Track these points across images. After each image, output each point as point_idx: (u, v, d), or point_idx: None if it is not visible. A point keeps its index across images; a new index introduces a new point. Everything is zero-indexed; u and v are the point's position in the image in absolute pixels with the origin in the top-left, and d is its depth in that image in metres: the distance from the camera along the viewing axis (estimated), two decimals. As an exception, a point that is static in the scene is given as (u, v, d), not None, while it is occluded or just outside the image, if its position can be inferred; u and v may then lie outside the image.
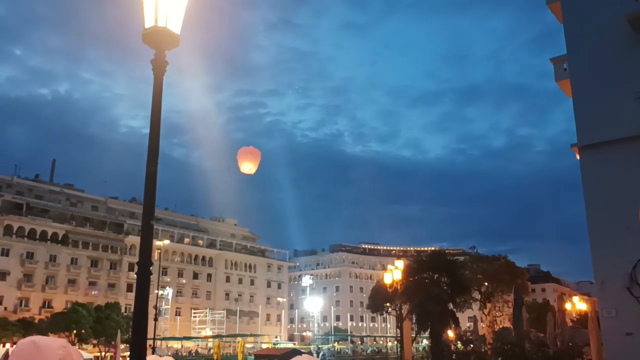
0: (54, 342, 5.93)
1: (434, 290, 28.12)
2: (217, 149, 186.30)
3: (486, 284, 56.82)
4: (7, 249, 70.30)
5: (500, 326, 52.89)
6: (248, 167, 12.93)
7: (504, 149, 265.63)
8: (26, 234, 72.52)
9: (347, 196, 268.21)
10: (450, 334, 32.97)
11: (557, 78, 22.10)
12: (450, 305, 29.99)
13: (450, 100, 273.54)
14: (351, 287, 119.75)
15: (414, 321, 31.85)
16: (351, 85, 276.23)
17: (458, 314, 32.49)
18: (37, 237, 73.50)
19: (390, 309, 50.46)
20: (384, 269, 50.89)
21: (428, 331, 31.47)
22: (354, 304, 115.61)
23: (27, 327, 57.37)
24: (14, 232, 71.47)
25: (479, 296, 57.00)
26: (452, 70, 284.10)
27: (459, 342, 32.23)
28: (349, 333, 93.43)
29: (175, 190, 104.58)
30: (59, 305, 69.98)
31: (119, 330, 34.89)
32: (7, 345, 51.54)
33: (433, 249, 69.91)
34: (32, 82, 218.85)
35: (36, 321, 61.55)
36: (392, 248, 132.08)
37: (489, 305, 53.99)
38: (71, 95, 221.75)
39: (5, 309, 67.03)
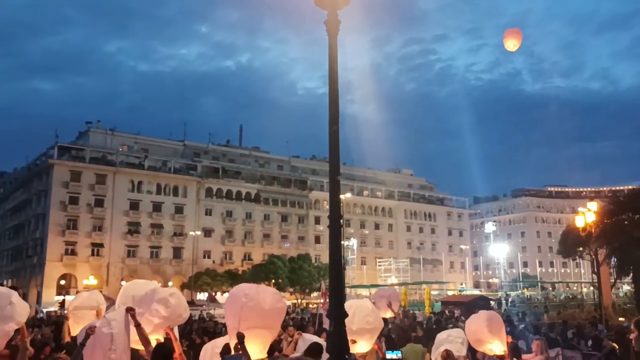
0: (239, 290, 6.75)
1: (635, 233, 25.89)
2: (389, 102, 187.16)
3: (701, 223, 50.37)
4: (210, 209, 78.80)
5: None
6: (512, 44, 13.92)
7: None
8: (224, 194, 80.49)
9: (528, 138, 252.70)
10: (657, 279, 30.13)
11: None
12: (656, 248, 27.39)
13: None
14: (538, 232, 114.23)
15: (613, 266, 29.71)
16: (526, 19, 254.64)
17: (666, 258, 29.58)
18: (234, 197, 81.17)
19: (583, 254, 47.35)
20: (574, 212, 47.53)
21: (630, 276, 29.22)
22: (542, 250, 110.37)
23: (232, 278, 64.18)
24: (214, 193, 79.76)
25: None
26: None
27: (668, 287, 29.39)
28: (538, 279, 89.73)
29: (351, 145, 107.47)
30: (257, 257, 77.05)
31: (327, 279, 37.32)
32: (218, 293, 58.43)
33: (631, 187, 63.50)
34: (217, 56, 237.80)
35: (240, 272, 68.58)
36: (581, 189, 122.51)
37: None
38: (252, 64, 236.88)
39: (213, 262, 75.67)
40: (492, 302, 39.61)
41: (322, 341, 7.39)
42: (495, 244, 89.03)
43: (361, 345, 8.37)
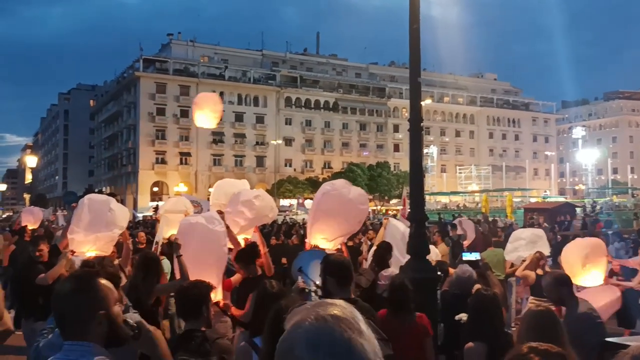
0: (328, 183, 7.19)
1: None
2: (474, 3, 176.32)
3: None
4: (290, 118, 79.73)
5: None
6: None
7: None
8: (303, 104, 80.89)
9: (625, 38, 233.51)
10: None
11: None
12: None
13: None
14: (631, 137, 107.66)
15: None
16: None
17: None
18: (312, 106, 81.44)
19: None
20: (675, 114, 44.33)
21: None
22: (634, 155, 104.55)
23: (313, 185, 65.81)
24: (293, 103, 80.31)
25: None
26: None
27: None
28: (629, 186, 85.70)
29: (432, 50, 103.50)
30: (336, 165, 78.07)
31: (406, 186, 37.43)
32: (300, 199, 60.30)
33: None
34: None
35: (320, 180, 70.02)
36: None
37: None
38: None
39: (295, 170, 77.56)
40: (577, 209, 38.57)
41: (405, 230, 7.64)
42: (584, 150, 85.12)
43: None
